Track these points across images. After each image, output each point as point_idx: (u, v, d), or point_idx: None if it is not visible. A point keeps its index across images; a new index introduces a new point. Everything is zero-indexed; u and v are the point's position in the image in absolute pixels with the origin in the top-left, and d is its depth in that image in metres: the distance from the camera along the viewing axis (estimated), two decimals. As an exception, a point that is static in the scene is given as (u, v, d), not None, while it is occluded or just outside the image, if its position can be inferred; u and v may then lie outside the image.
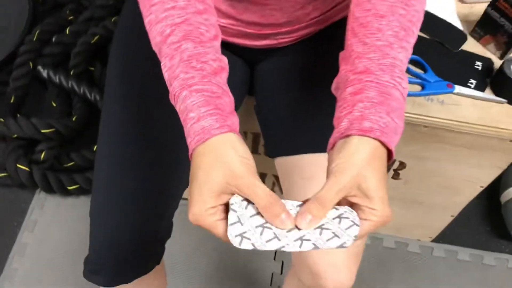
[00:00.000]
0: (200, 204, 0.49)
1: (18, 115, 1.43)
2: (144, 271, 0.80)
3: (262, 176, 1.25)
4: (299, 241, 0.50)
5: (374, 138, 0.51)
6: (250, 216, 0.50)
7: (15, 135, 1.38)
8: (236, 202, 0.51)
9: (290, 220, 0.50)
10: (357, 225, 0.50)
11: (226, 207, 0.51)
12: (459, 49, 1.00)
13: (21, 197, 1.43)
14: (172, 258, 0.91)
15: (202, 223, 0.50)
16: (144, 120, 0.78)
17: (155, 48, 0.59)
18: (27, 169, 1.36)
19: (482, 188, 1.12)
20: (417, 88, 0.96)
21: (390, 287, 1.36)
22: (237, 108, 0.79)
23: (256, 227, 0.50)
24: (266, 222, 0.50)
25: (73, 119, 1.43)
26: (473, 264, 1.41)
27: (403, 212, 1.28)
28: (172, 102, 0.56)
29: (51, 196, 1.43)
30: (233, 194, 0.51)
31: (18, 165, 1.35)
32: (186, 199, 0.56)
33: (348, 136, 0.52)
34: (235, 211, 0.50)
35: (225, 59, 0.59)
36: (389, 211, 0.51)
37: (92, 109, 1.51)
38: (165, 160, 0.78)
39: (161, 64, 0.57)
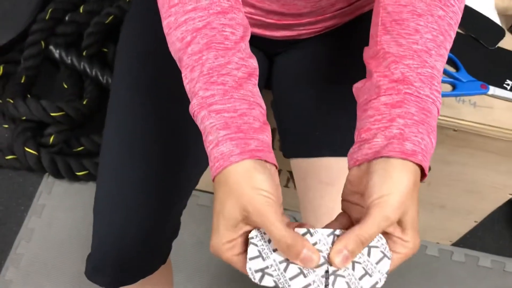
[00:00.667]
0: (217, 237, 0.46)
1: (28, 96, 1.39)
2: (149, 271, 0.76)
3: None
4: (333, 277, 0.44)
5: (416, 163, 0.46)
6: (274, 250, 0.46)
7: (24, 117, 1.34)
8: (257, 235, 0.46)
9: (314, 256, 0.44)
10: (387, 257, 0.45)
11: (247, 239, 0.47)
12: (496, 46, 0.93)
13: (29, 181, 1.40)
14: (176, 253, 0.88)
15: (221, 256, 0.47)
16: (155, 110, 0.74)
17: (174, 55, 0.54)
18: (35, 152, 1.32)
19: (511, 196, 1.05)
20: (448, 87, 0.89)
21: (404, 286, 1.31)
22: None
23: (280, 262, 0.45)
24: None
25: (84, 102, 1.39)
26: (494, 271, 1.35)
27: (424, 214, 1.22)
28: (193, 117, 0.52)
29: (59, 181, 1.39)
30: (252, 226, 0.47)
31: (26, 149, 1.32)
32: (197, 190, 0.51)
33: (386, 157, 0.46)
34: (256, 245, 0.46)
35: (253, 61, 0.53)
36: (419, 241, 0.46)
37: (104, 92, 1.46)
38: (175, 155, 0.74)
39: (182, 74, 0.52)
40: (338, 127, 0.74)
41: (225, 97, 0.49)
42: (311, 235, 0.46)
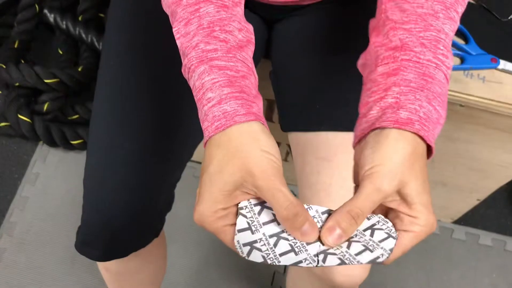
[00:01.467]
0: (209, 204, 0.42)
1: (22, 62, 1.35)
2: (141, 244, 0.73)
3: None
4: (322, 255, 0.41)
5: (413, 133, 0.42)
6: (264, 223, 0.43)
7: (17, 84, 1.30)
8: (247, 206, 0.43)
9: (314, 232, 0.41)
10: (393, 237, 0.42)
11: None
12: (509, 17, 0.88)
13: (24, 149, 1.37)
14: (171, 226, 0.86)
15: (208, 226, 0.43)
16: (147, 77, 0.71)
17: (166, 9, 0.51)
18: (29, 120, 1.29)
19: (516, 175, 1.02)
20: (456, 61, 0.85)
21: (404, 268, 1.29)
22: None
23: (270, 236, 0.42)
24: (283, 231, 0.43)
25: (79, 69, 1.35)
26: (494, 250, 1.33)
27: (425, 191, 1.19)
28: (185, 75, 0.48)
29: (54, 149, 1.37)
30: (249, 194, 0.43)
31: (20, 116, 1.29)
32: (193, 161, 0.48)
33: (381, 128, 0.43)
34: (245, 216, 0.43)
35: (251, 28, 0.50)
36: (433, 219, 0.42)
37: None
38: (167, 125, 0.71)
39: (174, 29, 0.48)
40: (340, 100, 0.70)
41: (228, 55, 0.46)
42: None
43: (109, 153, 0.68)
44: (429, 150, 0.45)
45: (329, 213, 0.43)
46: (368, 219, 0.43)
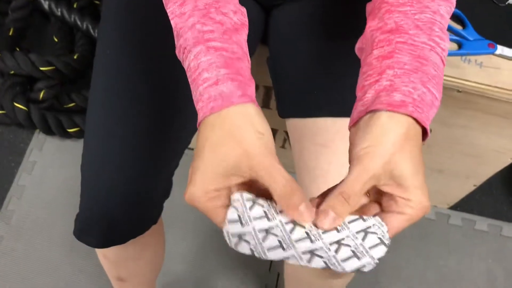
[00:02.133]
0: (201, 186, 0.42)
1: (17, 49, 1.34)
2: (138, 231, 0.73)
3: (273, 132, 1.16)
4: (308, 255, 0.41)
5: (406, 115, 0.42)
6: (254, 218, 0.43)
7: (12, 71, 1.29)
8: (239, 199, 0.43)
9: (309, 212, 0.41)
10: (385, 244, 0.42)
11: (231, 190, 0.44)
12: (507, 2, 0.88)
13: (20, 137, 1.37)
14: (169, 213, 0.86)
15: (199, 206, 0.43)
16: (144, 64, 0.70)
17: None
18: (24, 108, 1.29)
19: (512, 160, 1.02)
20: (453, 46, 0.84)
21: (400, 254, 1.30)
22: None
23: (259, 231, 0.42)
24: (273, 227, 0.42)
25: (75, 57, 1.34)
26: (490, 235, 1.33)
27: (422, 178, 1.19)
28: (179, 56, 0.48)
29: (50, 137, 1.36)
30: (243, 177, 0.43)
31: (15, 104, 1.28)
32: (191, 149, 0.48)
33: (374, 111, 0.43)
34: (236, 209, 0.43)
35: (245, 11, 0.49)
36: (426, 201, 0.42)
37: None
38: (165, 112, 0.70)
39: (168, 10, 0.48)
40: (337, 86, 0.70)
41: (224, 36, 0.46)
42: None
43: (106, 141, 0.68)
44: (424, 133, 0.45)
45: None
46: (364, 220, 0.43)
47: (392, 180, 0.42)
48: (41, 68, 1.28)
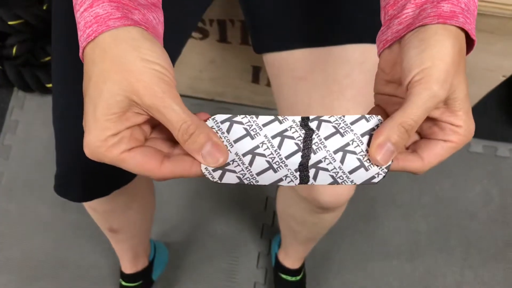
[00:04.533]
0: (96, 133, 0.36)
1: (-18, 5, 1.27)
2: (122, 182, 0.71)
3: (256, 70, 1.12)
4: (313, 169, 0.37)
5: (457, 27, 0.37)
6: (235, 141, 0.38)
7: (-20, 29, 1.24)
8: (213, 126, 0.38)
9: (219, 152, 0.37)
10: (365, 167, 0.38)
11: (138, 133, 0.38)
12: None
13: (-1, 97, 1.33)
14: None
15: (103, 157, 0.36)
16: None
17: None
18: (-1, 66, 1.24)
19: (504, 78, 0.99)
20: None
21: (395, 181, 1.29)
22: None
23: (244, 154, 0.38)
24: (258, 146, 0.38)
25: (44, 7, 1.27)
26: (486, 157, 1.32)
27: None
28: None
29: (30, 94, 1.33)
30: (142, 115, 0.37)
31: (-12, 63, 1.23)
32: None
33: (419, 26, 0.38)
34: None
35: None
36: (473, 127, 0.38)
37: (66, -5, 1.34)
38: None
39: None
40: (311, 15, 0.65)
41: None
42: (280, 122, 0.39)
43: (74, 90, 0.64)
44: (468, 44, 0.40)
45: (305, 123, 0.39)
46: (368, 121, 0.38)
47: (444, 104, 0.38)
48: (10, 22, 1.21)
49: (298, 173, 0.38)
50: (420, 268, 1.22)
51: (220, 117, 0.39)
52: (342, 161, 0.38)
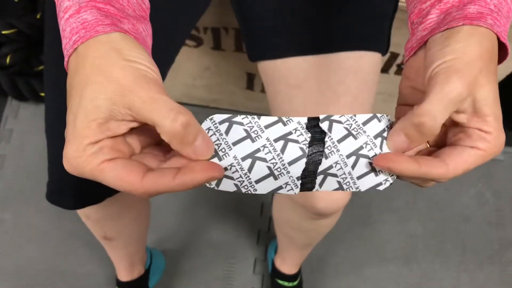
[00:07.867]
0: (75, 143, 0.33)
1: (-24, 14, 1.27)
2: (114, 189, 0.70)
3: (250, 77, 1.12)
4: (321, 176, 0.34)
5: (486, 28, 0.35)
6: (234, 144, 0.35)
7: (-27, 38, 1.23)
8: (210, 127, 0.35)
9: (209, 148, 0.34)
10: (375, 172, 0.36)
11: (120, 144, 0.34)
12: None
13: (-7, 106, 1.33)
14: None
15: (82, 170, 0.33)
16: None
17: None
18: (-8, 75, 1.23)
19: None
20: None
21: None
22: None
23: (243, 158, 0.34)
24: (259, 150, 0.35)
25: (38, 16, 1.27)
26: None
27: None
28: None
29: (24, 103, 1.32)
30: (125, 120, 0.33)
31: (-18, 72, 1.22)
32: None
33: (444, 30, 0.36)
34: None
35: None
36: (504, 138, 0.35)
37: (59, 3, 1.34)
38: None
39: None
40: (305, 23, 0.66)
41: None
42: (284, 124, 0.36)
43: (65, 99, 0.64)
44: (501, 51, 0.38)
45: (313, 124, 0.36)
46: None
47: (470, 106, 0.34)
48: (4, 32, 1.21)
49: (300, 181, 0.35)
50: (417, 272, 1.23)
51: (218, 117, 0.36)
52: (353, 166, 0.35)
